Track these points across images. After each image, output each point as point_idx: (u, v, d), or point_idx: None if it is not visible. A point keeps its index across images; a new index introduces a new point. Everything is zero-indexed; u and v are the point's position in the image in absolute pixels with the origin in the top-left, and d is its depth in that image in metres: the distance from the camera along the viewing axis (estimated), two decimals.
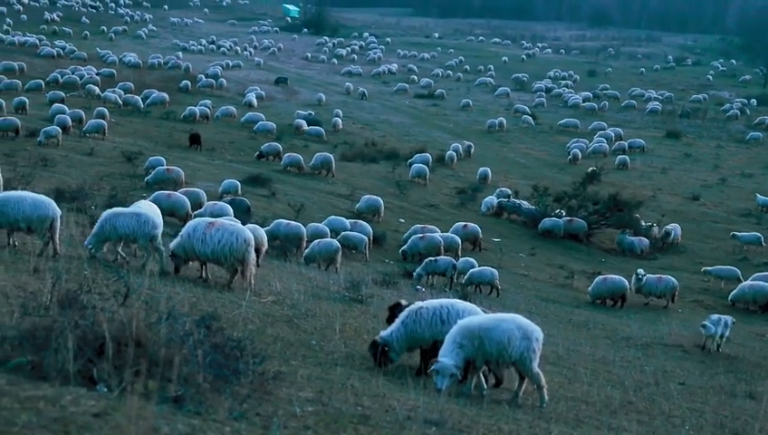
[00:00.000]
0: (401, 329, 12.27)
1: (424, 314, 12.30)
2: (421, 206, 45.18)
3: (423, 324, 12.23)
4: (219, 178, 38.86)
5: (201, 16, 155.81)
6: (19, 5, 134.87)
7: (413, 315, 12.34)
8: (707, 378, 17.48)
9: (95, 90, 65.00)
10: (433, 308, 12.36)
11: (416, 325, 12.25)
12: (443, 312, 12.28)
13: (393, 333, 12.27)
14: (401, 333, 12.23)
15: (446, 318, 12.16)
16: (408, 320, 12.32)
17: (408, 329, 12.24)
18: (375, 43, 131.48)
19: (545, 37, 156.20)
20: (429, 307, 12.41)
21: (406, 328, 12.25)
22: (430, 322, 12.21)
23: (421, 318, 12.26)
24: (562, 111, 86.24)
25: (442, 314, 12.24)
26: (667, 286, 30.33)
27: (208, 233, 16.41)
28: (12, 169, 28.75)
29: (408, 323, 12.28)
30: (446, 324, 12.06)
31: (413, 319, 12.30)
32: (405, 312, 12.54)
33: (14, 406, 5.38)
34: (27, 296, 9.70)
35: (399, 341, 12.21)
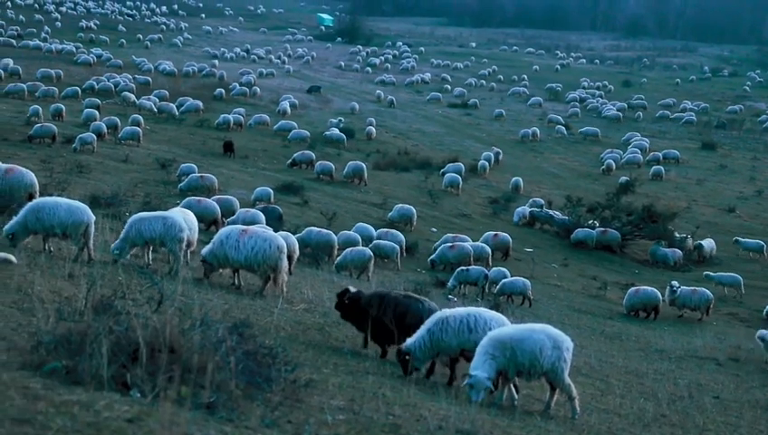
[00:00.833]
0: (426, 337, 12.13)
1: (451, 322, 12.17)
2: (454, 215, 45.10)
3: (450, 333, 12.10)
4: (252, 186, 39.02)
5: (236, 25, 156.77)
6: (56, 13, 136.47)
7: (439, 323, 12.21)
8: (742, 392, 17.27)
9: (131, 97, 65.56)
10: (460, 316, 12.24)
11: (442, 334, 12.12)
12: (470, 320, 12.16)
13: (416, 341, 12.15)
14: (425, 341, 12.12)
15: (474, 326, 12.06)
16: (434, 328, 12.19)
17: (433, 337, 12.12)
18: (408, 53, 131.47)
19: (579, 47, 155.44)
20: (456, 315, 12.28)
21: (431, 336, 12.13)
22: (457, 330, 12.09)
23: (448, 326, 12.13)
24: (596, 121, 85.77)
25: (469, 323, 12.12)
26: (701, 299, 30.00)
27: (242, 240, 16.50)
28: (48, 175, 29.06)
29: (435, 332, 12.15)
30: (473, 333, 11.98)
31: (439, 327, 12.17)
32: (431, 319, 12.39)
33: (50, 410, 5.42)
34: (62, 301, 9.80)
35: (423, 349, 12.08)
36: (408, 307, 13.33)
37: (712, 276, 36.00)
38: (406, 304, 13.43)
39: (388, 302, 13.46)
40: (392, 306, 13.31)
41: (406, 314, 13.17)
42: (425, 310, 13.17)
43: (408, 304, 13.40)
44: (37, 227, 15.70)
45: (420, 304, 13.42)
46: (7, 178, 19.56)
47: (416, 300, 13.65)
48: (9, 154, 36.62)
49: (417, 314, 13.07)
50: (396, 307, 13.30)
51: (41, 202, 16.19)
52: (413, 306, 13.34)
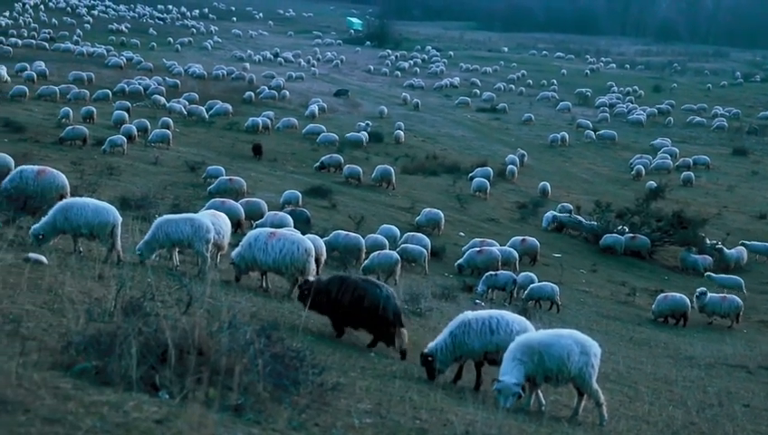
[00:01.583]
0: (448, 340, 12.21)
1: (473, 324, 12.24)
2: (482, 220, 44.98)
3: (472, 335, 12.16)
4: (280, 189, 39.14)
5: (266, 28, 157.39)
6: (88, 17, 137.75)
7: (462, 326, 12.26)
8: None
9: (161, 100, 66.05)
10: (482, 319, 12.31)
11: (464, 336, 12.18)
12: (492, 322, 12.23)
13: (439, 343, 12.22)
14: (448, 344, 12.17)
15: (496, 328, 12.13)
16: (456, 331, 12.26)
17: (456, 340, 12.18)
18: (437, 57, 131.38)
19: (609, 52, 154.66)
20: (478, 318, 12.35)
21: (454, 339, 12.19)
22: (479, 332, 12.15)
23: (470, 329, 12.20)
24: (626, 126, 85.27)
25: (491, 325, 12.19)
26: (731, 306, 29.69)
27: (270, 243, 16.57)
28: (79, 177, 29.31)
29: (457, 334, 12.22)
30: (495, 335, 12.07)
31: (462, 330, 12.22)
32: (454, 322, 12.46)
33: (79, 411, 5.46)
34: (92, 302, 9.87)
35: (445, 351, 12.14)
36: (366, 291, 13.60)
37: (714, 278, 35.86)
38: (364, 287, 13.73)
39: (348, 285, 13.78)
40: (351, 290, 13.60)
41: (363, 298, 13.46)
42: (382, 295, 13.52)
43: (366, 289, 13.68)
44: (65, 226, 15.86)
45: (378, 290, 13.74)
46: (39, 180, 19.74)
47: (374, 285, 13.97)
48: (41, 156, 37.00)
49: (374, 299, 13.41)
50: (354, 290, 13.58)
51: (69, 202, 16.37)
52: (371, 291, 13.62)
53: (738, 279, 35.69)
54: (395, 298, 13.95)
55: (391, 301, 13.67)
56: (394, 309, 13.64)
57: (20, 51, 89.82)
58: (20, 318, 8.14)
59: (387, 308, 13.46)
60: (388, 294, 13.77)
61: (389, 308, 13.51)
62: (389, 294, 13.81)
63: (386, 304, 13.46)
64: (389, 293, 13.87)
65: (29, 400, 5.47)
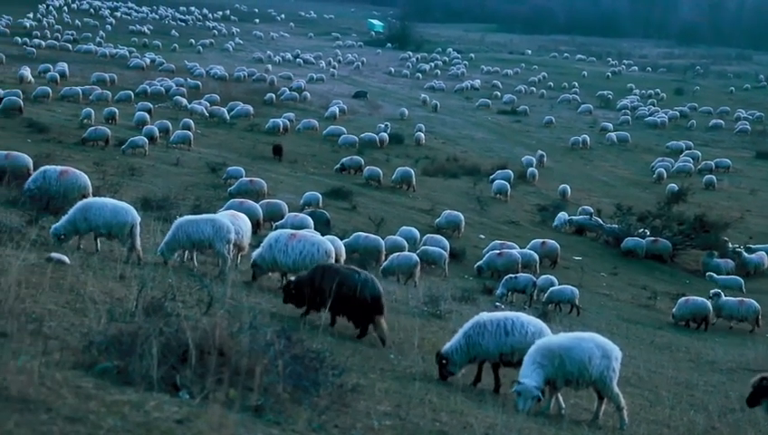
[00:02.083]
0: (462, 341, 12.20)
1: (488, 325, 12.22)
2: (502, 222, 44.90)
3: (486, 337, 12.13)
4: (301, 191, 39.21)
5: (287, 30, 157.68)
6: (111, 18, 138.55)
7: (477, 327, 12.25)
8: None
9: (182, 101, 66.35)
10: (497, 320, 12.29)
11: (479, 337, 12.16)
12: (507, 324, 12.20)
13: (453, 344, 12.22)
14: (462, 345, 12.16)
15: (510, 330, 12.11)
16: (471, 332, 12.25)
17: (470, 341, 12.16)
18: (458, 59, 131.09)
19: (632, 54, 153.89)
20: (493, 319, 12.34)
21: (468, 340, 12.18)
22: (494, 334, 12.12)
23: (485, 330, 12.17)
24: (648, 129, 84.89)
25: (506, 326, 12.16)
26: (748, 310, 29.58)
27: (290, 244, 16.63)
28: (101, 177, 29.44)
29: (472, 335, 12.20)
30: (509, 336, 12.05)
31: (476, 331, 12.21)
32: (469, 323, 12.48)
33: (101, 410, 5.49)
34: (114, 302, 9.92)
35: (460, 353, 12.13)
36: (345, 277, 13.81)
37: (715, 278, 36.04)
38: (344, 274, 13.94)
39: (329, 272, 13.99)
40: (332, 276, 13.76)
41: (343, 284, 13.61)
42: (360, 280, 13.79)
43: (345, 275, 13.90)
44: (84, 226, 16.00)
45: (357, 275, 14.01)
46: (62, 180, 19.88)
47: (353, 271, 14.27)
48: (64, 156, 37.25)
49: (352, 284, 13.65)
50: (336, 277, 13.73)
51: (89, 202, 16.49)
52: (350, 276, 13.86)
53: (738, 279, 35.94)
54: (374, 283, 14.10)
55: (369, 285, 13.86)
56: (372, 293, 13.79)
57: (43, 52, 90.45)
58: (42, 317, 8.20)
59: (363, 291, 13.66)
60: (366, 278, 14.01)
61: (366, 292, 13.70)
62: (368, 278, 14.04)
63: (362, 287, 13.68)
64: (368, 277, 14.12)
65: (51, 399, 5.50)
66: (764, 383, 11.77)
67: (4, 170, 24.91)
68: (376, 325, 13.86)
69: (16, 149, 30.00)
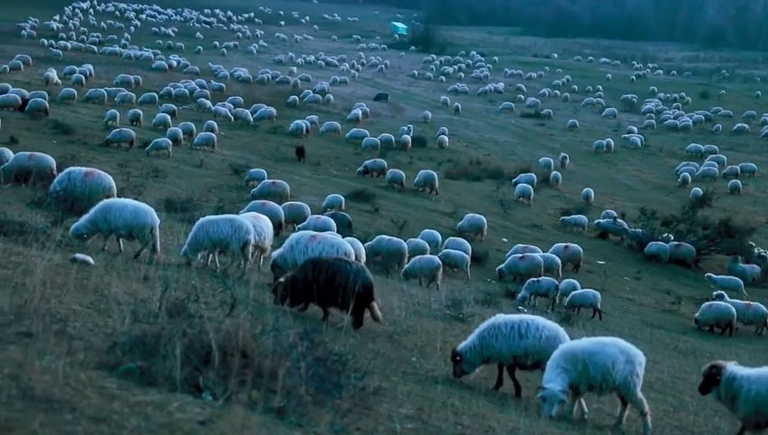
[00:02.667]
0: (476, 341, 12.19)
1: (502, 327, 12.19)
2: (525, 226, 44.78)
3: (500, 338, 12.10)
4: (323, 193, 39.26)
5: (311, 33, 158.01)
6: (136, 21, 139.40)
7: (491, 329, 12.24)
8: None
9: (206, 103, 66.66)
10: (512, 322, 12.26)
11: (492, 339, 12.14)
12: (521, 326, 12.16)
13: (468, 344, 12.24)
14: (476, 345, 12.16)
15: (525, 333, 12.07)
16: (484, 333, 12.25)
17: (484, 342, 12.15)
18: (482, 62, 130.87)
19: (656, 58, 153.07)
20: (508, 321, 12.32)
21: (481, 341, 12.17)
22: (508, 336, 12.09)
23: (499, 332, 12.15)
24: (672, 133, 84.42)
25: (520, 329, 12.12)
26: (756, 314, 29.70)
27: (310, 246, 16.72)
28: (125, 178, 29.64)
29: (485, 337, 12.20)
30: (523, 339, 12.01)
31: (490, 332, 12.20)
32: (484, 325, 12.50)
33: (124, 410, 5.52)
34: (138, 303, 9.97)
35: (473, 352, 12.13)
36: (338, 269, 13.98)
37: (714, 278, 36.23)
38: (336, 265, 14.12)
39: (321, 265, 14.15)
40: (324, 269, 13.96)
41: (335, 275, 13.79)
42: (352, 271, 13.93)
43: (338, 266, 14.08)
44: (105, 226, 16.15)
45: (348, 266, 14.19)
46: (87, 181, 20.03)
47: (345, 262, 14.47)
48: (88, 158, 37.49)
49: (344, 275, 13.78)
50: (327, 269, 13.93)
51: (109, 202, 16.61)
52: (342, 268, 14.02)
53: (738, 280, 36.14)
54: (366, 272, 14.29)
55: (361, 274, 14.00)
56: (363, 282, 13.92)
57: (69, 54, 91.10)
58: (67, 318, 8.25)
59: (356, 281, 13.76)
60: (358, 268, 14.22)
61: (358, 281, 13.81)
62: (359, 268, 14.26)
63: (355, 277, 13.79)
64: (359, 267, 14.35)
65: (75, 399, 5.54)
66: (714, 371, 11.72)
67: (29, 171, 25.15)
68: (371, 310, 14.16)
69: (42, 150, 30.25)
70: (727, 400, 11.27)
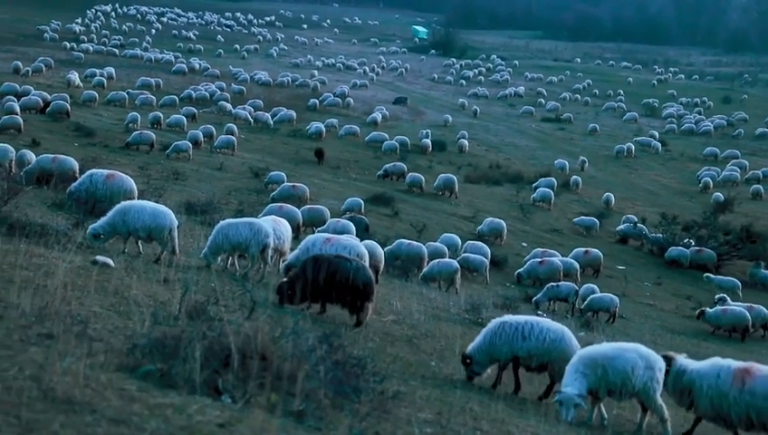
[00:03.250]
0: (483, 342, 12.32)
1: (506, 328, 12.32)
2: (544, 230, 44.65)
3: (503, 338, 12.22)
4: (343, 196, 39.29)
5: (331, 36, 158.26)
6: (158, 24, 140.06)
7: (496, 329, 12.38)
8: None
9: (227, 106, 66.89)
10: (516, 324, 12.37)
11: (495, 338, 12.27)
12: (525, 328, 12.26)
13: (476, 345, 12.37)
14: (483, 346, 12.28)
15: (528, 334, 12.18)
16: (490, 333, 12.38)
17: (488, 341, 12.28)
18: (502, 66, 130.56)
19: (678, 62, 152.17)
20: (513, 322, 12.44)
21: (488, 341, 12.30)
22: (511, 336, 12.20)
23: (503, 332, 12.27)
24: (694, 137, 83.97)
25: (524, 330, 12.23)
26: (757, 316, 29.79)
27: (324, 248, 16.75)
28: (146, 181, 29.77)
29: (491, 337, 12.33)
30: (526, 341, 12.12)
31: (495, 332, 12.33)
32: (490, 325, 12.65)
33: (144, 412, 5.54)
34: (158, 306, 10.00)
35: (481, 353, 12.26)
36: (338, 266, 14.12)
37: (712, 279, 36.59)
38: (336, 263, 14.25)
39: (321, 263, 14.25)
40: (325, 266, 14.08)
41: (336, 273, 13.96)
42: (352, 268, 14.15)
43: (338, 264, 14.21)
44: (123, 229, 16.17)
45: (348, 263, 14.33)
46: (108, 184, 20.11)
47: (345, 259, 14.56)
48: (110, 160, 37.70)
49: (345, 272, 13.99)
50: (328, 266, 14.07)
51: (128, 205, 16.63)
52: (342, 265, 14.17)
53: (735, 281, 36.47)
54: (366, 270, 14.51)
55: (361, 272, 14.22)
56: (363, 280, 14.14)
57: (91, 57, 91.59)
58: (88, 320, 8.29)
59: (356, 279, 14.01)
60: (358, 266, 14.41)
61: (359, 279, 14.05)
62: (359, 266, 14.46)
63: (355, 274, 14.03)
64: (359, 265, 14.56)
65: (96, 400, 5.56)
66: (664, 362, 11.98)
67: (52, 174, 25.29)
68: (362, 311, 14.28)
69: (63, 152, 30.42)
70: (675, 392, 11.45)
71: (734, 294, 35.01)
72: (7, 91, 56.28)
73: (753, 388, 10.83)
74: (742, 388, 10.88)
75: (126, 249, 16.31)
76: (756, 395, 10.78)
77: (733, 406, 10.91)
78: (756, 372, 10.99)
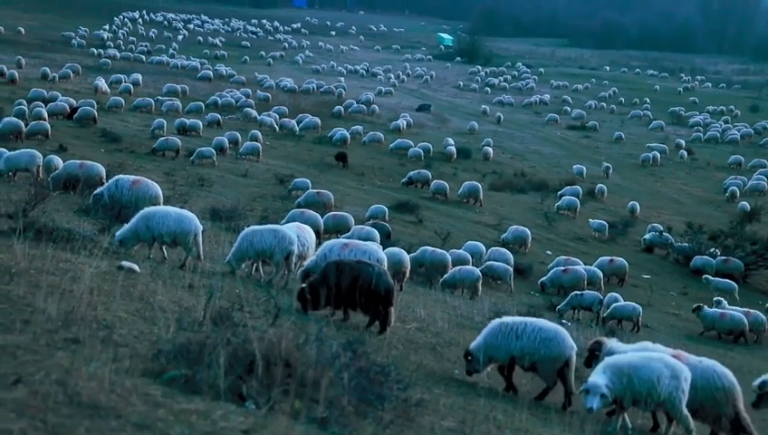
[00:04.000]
0: (482, 340, 12.62)
1: (502, 328, 12.64)
2: (569, 238, 44.47)
3: (499, 338, 12.50)
4: (367, 204, 39.32)
5: (357, 43, 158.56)
6: (184, 30, 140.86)
7: (493, 328, 12.68)
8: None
9: (252, 113, 67.13)
10: (513, 324, 12.69)
11: (492, 337, 12.55)
12: (519, 327, 12.55)
13: (476, 343, 12.65)
14: (481, 345, 12.56)
15: (521, 334, 12.45)
16: (487, 332, 12.71)
17: (486, 340, 12.56)
18: (528, 73, 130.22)
19: (705, 70, 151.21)
20: (509, 322, 12.77)
21: (484, 339, 12.59)
22: (507, 335, 12.48)
23: (499, 332, 12.58)
24: (720, 146, 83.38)
25: (518, 330, 12.51)
26: (755, 322, 29.85)
27: (343, 254, 16.75)
28: (171, 187, 29.92)
29: (487, 335, 12.64)
30: (519, 340, 12.39)
31: (492, 332, 12.63)
32: (490, 325, 12.93)
33: (169, 418, 5.56)
34: (182, 312, 10.04)
35: (480, 351, 12.51)
36: (359, 271, 14.15)
37: (710, 280, 36.77)
38: (358, 268, 14.30)
39: (343, 268, 14.28)
40: (348, 271, 14.11)
41: (358, 278, 14.00)
42: (374, 273, 14.16)
43: (359, 269, 14.25)
44: (147, 234, 16.23)
45: (371, 268, 14.35)
46: (134, 190, 20.26)
47: (367, 265, 14.57)
48: (135, 166, 37.93)
49: (367, 277, 14.03)
50: (351, 271, 14.11)
51: (152, 211, 16.70)
52: (364, 270, 14.21)
53: (732, 284, 36.74)
54: (387, 276, 14.52)
55: (383, 278, 14.25)
56: (385, 286, 14.17)
57: (118, 63, 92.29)
58: (113, 325, 8.33)
59: (378, 284, 14.04)
60: (380, 271, 14.41)
61: (381, 284, 14.08)
62: (381, 272, 14.46)
63: (377, 280, 14.06)
64: (381, 270, 14.55)
65: (121, 405, 5.59)
66: (594, 346, 12.61)
67: (78, 179, 25.51)
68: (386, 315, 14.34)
69: (90, 158, 30.67)
70: None
71: (731, 296, 35.29)
72: (35, 97, 56.87)
73: None
74: None
75: (151, 254, 16.39)
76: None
77: None
78: (683, 361, 11.50)
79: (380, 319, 14.14)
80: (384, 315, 14.15)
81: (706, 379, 11.64)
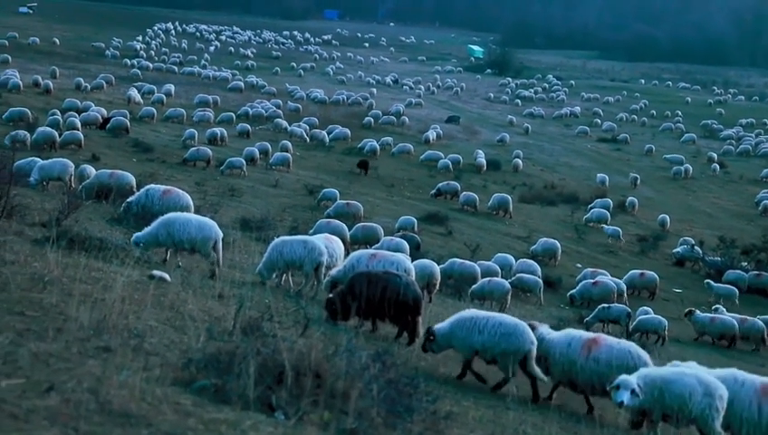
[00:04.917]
0: (447, 328, 12.96)
1: (467, 320, 12.92)
2: (600, 251, 44.22)
3: (464, 330, 12.78)
4: (397, 215, 39.34)
5: (387, 55, 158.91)
6: (216, 42, 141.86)
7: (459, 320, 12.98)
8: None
9: (282, 123, 67.41)
10: (476, 317, 12.95)
11: (456, 328, 12.86)
12: (481, 323, 12.76)
13: (441, 327, 13.00)
14: (446, 332, 12.92)
15: (482, 329, 12.71)
16: (455, 320, 13.02)
17: (452, 329, 12.90)
18: (558, 86, 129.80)
19: (738, 83, 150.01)
20: (473, 315, 13.03)
21: (450, 326, 12.95)
22: (470, 329, 12.74)
23: (463, 324, 12.86)
24: (753, 159, 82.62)
25: (480, 324, 12.75)
26: (751, 329, 29.91)
27: (370, 264, 16.80)
28: (202, 197, 30.09)
29: (453, 324, 12.96)
30: (481, 335, 12.64)
31: (458, 323, 12.91)
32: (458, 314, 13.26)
33: (198, 427, 5.57)
34: (213, 321, 10.07)
35: (443, 337, 12.91)
36: (387, 281, 14.24)
37: (712, 286, 36.96)
38: (386, 278, 14.41)
39: (372, 279, 14.39)
40: (375, 282, 14.20)
41: (386, 288, 14.07)
42: (402, 283, 14.28)
43: (387, 279, 14.34)
44: (167, 241, 16.26)
45: (398, 279, 14.47)
46: (164, 199, 20.37)
47: (395, 275, 14.70)
48: (167, 176, 38.19)
49: (395, 288, 14.13)
50: (378, 282, 14.19)
51: (172, 217, 16.67)
52: (392, 281, 14.31)
53: (733, 289, 36.93)
54: (415, 286, 14.68)
55: (411, 288, 14.38)
56: (413, 296, 14.31)
57: (151, 74, 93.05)
58: (144, 334, 8.37)
59: (407, 294, 14.16)
60: (408, 282, 14.54)
61: (409, 295, 14.20)
62: (409, 282, 14.60)
63: (405, 290, 14.17)
64: (409, 281, 14.70)
65: (151, 414, 5.61)
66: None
67: (110, 188, 25.71)
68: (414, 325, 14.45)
69: (122, 167, 30.93)
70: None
71: (732, 302, 35.48)
72: (69, 107, 57.50)
73: (597, 356, 12.35)
74: (588, 356, 12.39)
75: (181, 264, 16.46)
76: (600, 362, 12.29)
77: (580, 372, 12.44)
78: (602, 342, 12.56)
79: (409, 330, 14.17)
80: (413, 326, 14.17)
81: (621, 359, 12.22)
